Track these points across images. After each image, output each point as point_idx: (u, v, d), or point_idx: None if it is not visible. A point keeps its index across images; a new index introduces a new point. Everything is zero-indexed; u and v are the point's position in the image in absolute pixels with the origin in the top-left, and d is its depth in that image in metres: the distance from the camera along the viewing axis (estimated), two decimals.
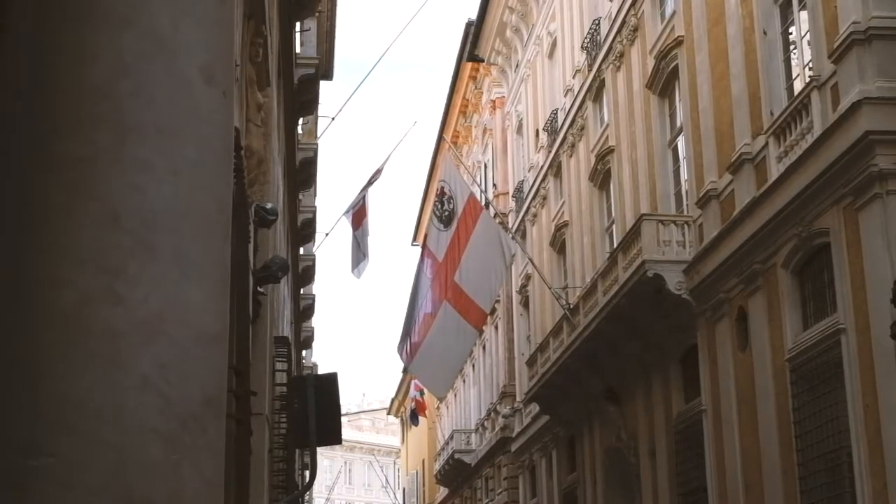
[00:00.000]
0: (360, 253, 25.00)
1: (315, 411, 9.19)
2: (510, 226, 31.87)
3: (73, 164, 2.07)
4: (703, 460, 18.04)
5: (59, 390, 1.98)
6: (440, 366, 21.86)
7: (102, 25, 2.13)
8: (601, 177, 24.55)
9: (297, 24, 16.54)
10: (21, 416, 1.97)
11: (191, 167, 2.15)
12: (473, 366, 39.17)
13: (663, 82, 20.46)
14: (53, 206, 2.05)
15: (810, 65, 14.73)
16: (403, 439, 63.26)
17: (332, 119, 22.56)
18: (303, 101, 18.07)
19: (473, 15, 34.84)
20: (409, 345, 22.02)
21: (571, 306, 23.86)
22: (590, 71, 25.23)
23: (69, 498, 1.94)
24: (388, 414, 69.83)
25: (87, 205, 2.05)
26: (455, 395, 43.13)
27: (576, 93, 26.48)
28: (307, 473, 14.14)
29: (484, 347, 37.40)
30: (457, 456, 40.05)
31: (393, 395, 63.20)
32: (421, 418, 46.20)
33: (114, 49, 2.12)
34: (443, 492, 46.91)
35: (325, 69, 22.31)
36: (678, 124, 20.12)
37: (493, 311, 31.20)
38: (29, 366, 1.99)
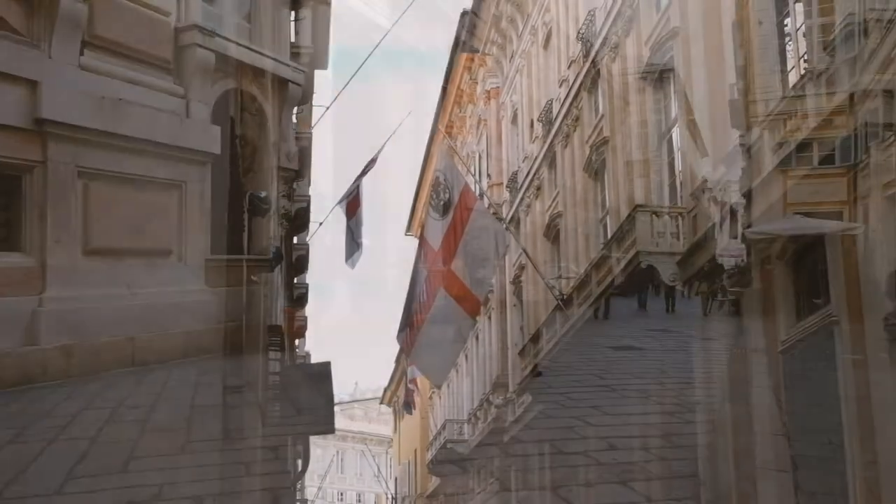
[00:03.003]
0: (353, 243, 24.96)
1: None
2: (504, 216, 31.86)
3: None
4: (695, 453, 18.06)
5: None
6: (437, 354, 21.86)
7: None
8: (596, 168, 24.54)
9: (293, 13, 16.49)
10: None
11: (186, 157, 2.14)
12: (466, 356, 39.17)
13: (659, 73, 20.44)
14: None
15: (806, 56, 14.73)
16: (396, 429, 63.30)
17: (327, 108, 22.52)
18: None
19: (469, 5, 34.81)
20: (408, 333, 22.05)
21: (565, 297, 23.86)
22: (585, 61, 25.21)
23: None
24: (381, 403, 69.79)
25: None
26: (448, 385, 43.16)
27: (571, 83, 26.45)
28: (299, 462, 14.14)
29: (477, 338, 37.40)
30: (449, 446, 40.08)
31: (386, 384, 63.23)
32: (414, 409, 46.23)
33: None
34: (435, 481, 46.97)
35: (320, 58, 22.23)
36: (673, 115, 20.11)
37: (487, 301, 31.21)
38: None
